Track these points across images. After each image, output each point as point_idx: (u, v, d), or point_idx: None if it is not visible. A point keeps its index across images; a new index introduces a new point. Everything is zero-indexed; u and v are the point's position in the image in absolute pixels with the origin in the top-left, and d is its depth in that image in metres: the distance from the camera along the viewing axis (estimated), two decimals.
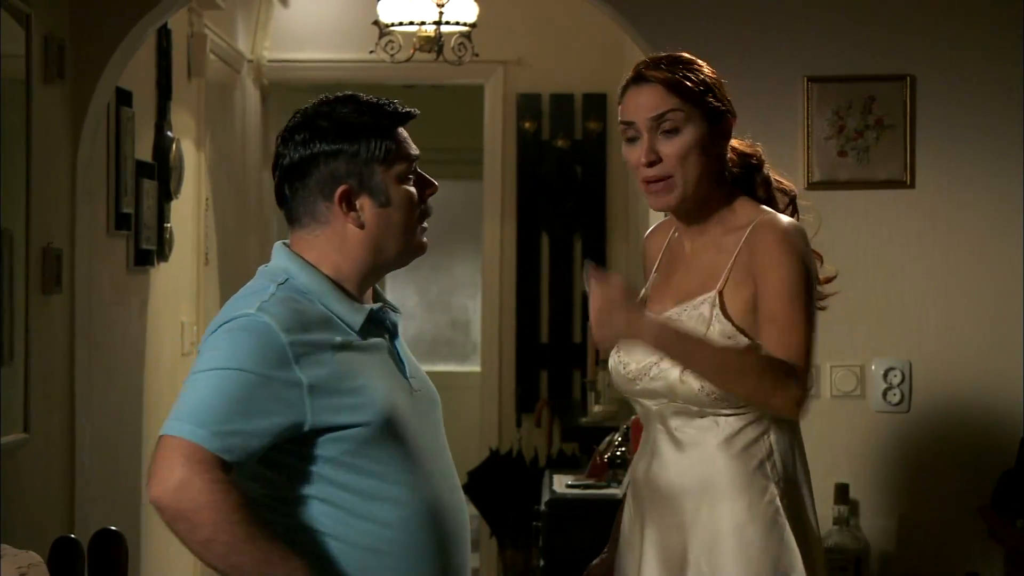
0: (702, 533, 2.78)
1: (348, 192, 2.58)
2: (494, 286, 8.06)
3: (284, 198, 2.63)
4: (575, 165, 7.90)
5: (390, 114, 2.60)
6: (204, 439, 2.42)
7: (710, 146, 2.83)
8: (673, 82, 2.82)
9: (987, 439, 4.42)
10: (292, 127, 2.62)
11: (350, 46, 7.58)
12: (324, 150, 2.57)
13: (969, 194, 4.46)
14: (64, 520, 4.62)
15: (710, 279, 2.83)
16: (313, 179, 2.58)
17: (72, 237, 4.67)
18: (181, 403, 2.47)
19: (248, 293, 2.58)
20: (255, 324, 2.49)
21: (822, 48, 4.46)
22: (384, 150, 2.58)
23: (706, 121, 2.83)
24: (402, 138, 2.62)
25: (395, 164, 2.60)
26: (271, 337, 2.48)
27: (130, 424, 5.54)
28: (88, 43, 4.64)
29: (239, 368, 2.46)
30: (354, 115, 2.59)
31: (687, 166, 2.82)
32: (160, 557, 5.82)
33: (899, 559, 4.44)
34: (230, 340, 2.49)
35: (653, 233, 3.09)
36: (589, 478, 4.92)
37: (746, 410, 2.78)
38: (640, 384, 2.85)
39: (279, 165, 2.62)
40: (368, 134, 2.58)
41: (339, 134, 2.58)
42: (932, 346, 4.45)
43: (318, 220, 2.60)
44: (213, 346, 2.51)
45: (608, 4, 4.56)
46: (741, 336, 2.76)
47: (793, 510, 2.80)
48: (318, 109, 2.61)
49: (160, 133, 5.78)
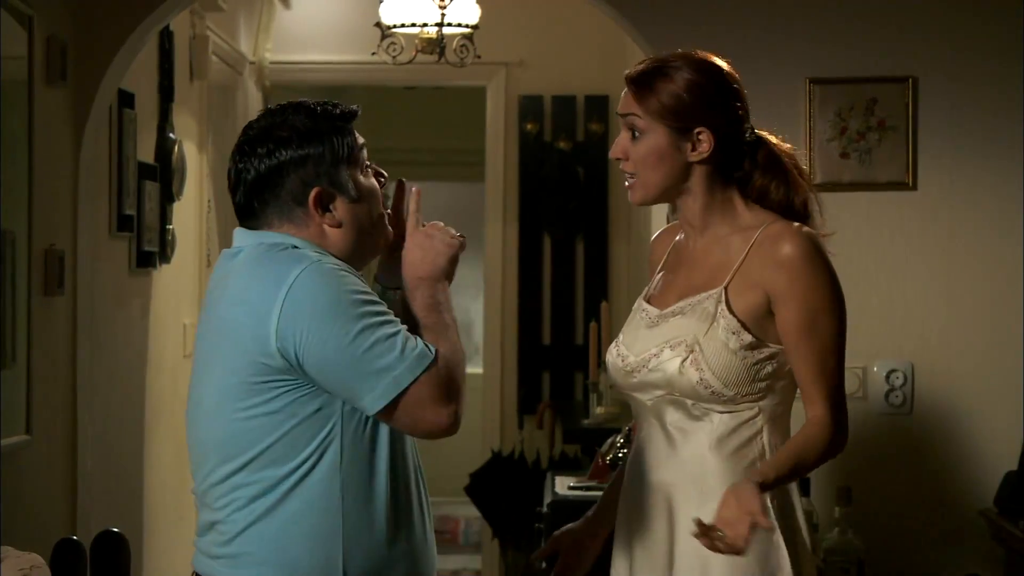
0: (690, 532, 2.79)
1: (321, 194, 2.63)
2: (496, 288, 8.06)
3: (251, 212, 2.65)
4: (577, 167, 7.90)
5: (342, 114, 2.68)
6: (422, 362, 2.55)
7: (670, 157, 2.84)
8: (639, 90, 2.84)
9: (989, 441, 4.42)
10: (250, 140, 2.64)
11: (352, 48, 7.58)
12: (291, 157, 2.62)
13: (971, 196, 4.46)
14: (66, 522, 4.62)
15: (715, 276, 2.83)
16: (284, 188, 2.62)
17: (74, 239, 4.67)
18: (365, 367, 2.52)
19: (271, 259, 2.58)
20: (330, 270, 2.55)
21: (824, 50, 4.46)
22: (347, 148, 2.66)
23: (669, 133, 2.83)
24: (356, 135, 2.70)
25: (357, 160, 2.68)
26: (350, 275, 2.57)
27: (132, 425, 5.54)
28: (90, 45, 4.64)
29: (362, 299, 2.54)
30: (311, 121, 2.65)
31: (646, 171, 2.86)
32: (162, 559, 5.82)
33: (901, 561, 4.44)
34: (326, 283, 2.53)
35: (660, 236, 3.10)
36: (591, 480, 4.92)
37: (740, 409, 2.79)
38: (637, 377, 2.85)
39: (242, 180, 2.64)
40: (329, 137, 2.65)
41: (302, 140, 2.63)
42: (934, 348, 4.45)
43: (296, 225, 2.64)
44: (311, 296, 2.51)
45: (610, 6, 4.56)
46: (745, 333, 2.76)
47: (783, 511, 2.80)
48: (272, 120, 2.65)
49: (162, 135, 5.79)
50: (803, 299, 2.76)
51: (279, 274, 2.53)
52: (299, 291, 2.51)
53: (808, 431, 2.78)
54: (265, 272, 2.56)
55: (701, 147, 2.84)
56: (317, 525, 2.55)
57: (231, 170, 2.66)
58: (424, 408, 2.54)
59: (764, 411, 2.81)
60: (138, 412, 5.60)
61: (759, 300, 2.78)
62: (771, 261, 2.78)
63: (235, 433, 2.56)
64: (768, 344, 2.78)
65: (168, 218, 5.86)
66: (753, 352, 2.77)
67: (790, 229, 2.80)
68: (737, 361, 2.77)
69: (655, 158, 2.84)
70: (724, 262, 2.84)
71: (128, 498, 5.47)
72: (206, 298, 2.69)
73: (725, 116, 2.85)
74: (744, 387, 2.78)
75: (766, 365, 2.79)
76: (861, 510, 4.35)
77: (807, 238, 2.79)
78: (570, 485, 4.90)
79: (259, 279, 2.56)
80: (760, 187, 2.88)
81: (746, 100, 2.89)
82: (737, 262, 2.81)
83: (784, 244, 2.78)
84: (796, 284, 2.76)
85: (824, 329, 2.76)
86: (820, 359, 2.76)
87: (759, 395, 2.80)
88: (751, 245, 2.81)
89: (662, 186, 2.87)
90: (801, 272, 2.76)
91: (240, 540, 2.57)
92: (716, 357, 2.77)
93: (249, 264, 2.59)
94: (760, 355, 2.78)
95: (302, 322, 2.50)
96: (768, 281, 2.77)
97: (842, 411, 2.78)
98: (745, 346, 2.77)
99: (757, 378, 2.78)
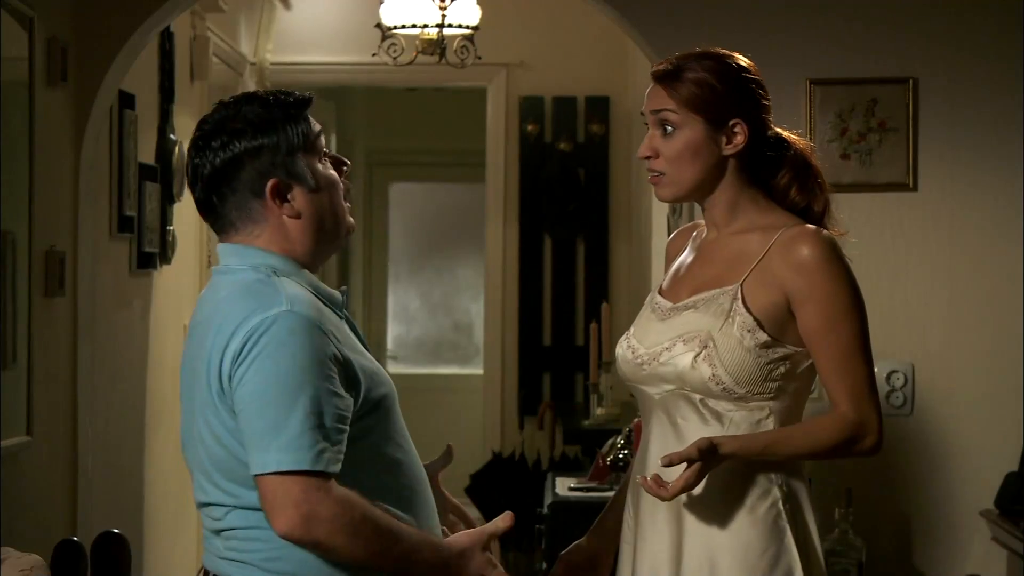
0: (699, 533, 2.78)
1: (278, 185, 2.59)
2: (497, 289, 8.07)
3: (211, 207, 2.62)
4: (578, 168, 7.90)
5: (296, 102, 2.62)
6: (311, 463, 2.44)
7: (706, 151, 2.82)
8: (671, 83, 2.82)
9: (990, 441, 4.42)
10: (205, 134, 2.62)
11: (353, 49, 7.58)
12: (245, 148, 2.58)
13: (972, 197, 4.46)
14: (67, 523, 4.62)
15: (730, 271, 2.81)
16: (240, 181, 2.58)
17: (75, 240, 4.67)
18: (267, 430, 2.45)
19: (249, 290, 2.55)
20: (300, 323, 2.48)
21: (825, 51, 4.47)
22: (302, 136, 2.60)
23: (706, 125, 2.82)
24: (311, 123, 2.64)
25: (313, 148, 2.62)
26: (317, 330, 2.49)
27: (133, 426, 5.55)
28: (91, 46, 4.65)
29: (312, 382, 2.46)
30: (263, 110, 2.60)
31: (679, 167, 2.82)
32: (163, 560, 5.82)
33: (902, 562, 4.44)
34: (285, 349, 2.46)
35: (676, 235, 3.07)
36: (592, 481, 4.92)
37: (750, 407, 2.78)
38: (648, 369, 2.83)
39: (199, 176, 2.61)
40: (283, 126, 2.59)
41: (256, 130, 2.58)
42: (935, 349, 4.45)
43: (255, 220, 2.60)
44: (270, 355, 2.46)
45: (611, 7, 4.57)
46: (761, 332, 2.75)
47: (795, 515, 2.79)
48: (225, 113, 2.62)
49: (163, 136, 5.79)
50: (822, 302, 2.75)
51: (235, 314, 2.50)
52: (267, 343, 2.47)
53: (819, 420, 2.77)
54: (230, 308, 2.52)
55: (736, 139, 2.81)
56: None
57: (188, 166, 2.64)
58: (274, 498, 2.45)
59: (775, 412, 2.79)
60: (138, 413, 5.60)
61: (777, 300, 2.77)
62: (791, 263, 2.76)
63: (223, 454, 2.55)
64: (783, 344, 2.77)
65: (169, 219, 5.86)
66: (767, 351, 2.76)
67: (810, 232, 2.79)
68: (751, 359, 2.75)
69: (691, 152, 2.81)
70: (741, 258, 2.82)
71: (128, 499, 5.47)
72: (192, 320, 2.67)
73: (757, 108, 2.83)
74: (756, 386, 2.77)
75: (780, 365, 2.77)
76: (861, 511, 4.35)
77: (826, 241, 2.78)
78: (570, 486, 4.91)
79: (231, 316, 2.52)
80: (784, 186, 2.86)
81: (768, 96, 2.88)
82: (756, 260, 2.79)
83: (804, 247, 2.76)
84: (815, 287, 2.75)
85: (844, 331, 2.75)
86: (841, 360, 2.75)
87: (771, 395, 2.78)
88: (771, 245, 2.79)
89: (695, 181, 2.83)
90: (820, 275, 2.75)
91: (245, 542, 2.57)
92: (730, 354, 2.75)
93: (228, 301, 2.56)
94: (774, 355, 2.76)
95: (247, 365, 2.48)
96: (787, 283, 2.76)
97: (869, 410, 2.75)
98: (760, 344, 2.75)
99: (770, 378, 2.77)
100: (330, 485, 2.45)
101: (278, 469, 2.43)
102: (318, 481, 2.43)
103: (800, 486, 2.82)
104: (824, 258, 2.76)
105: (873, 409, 2.76)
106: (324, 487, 2.44)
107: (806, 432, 2.77)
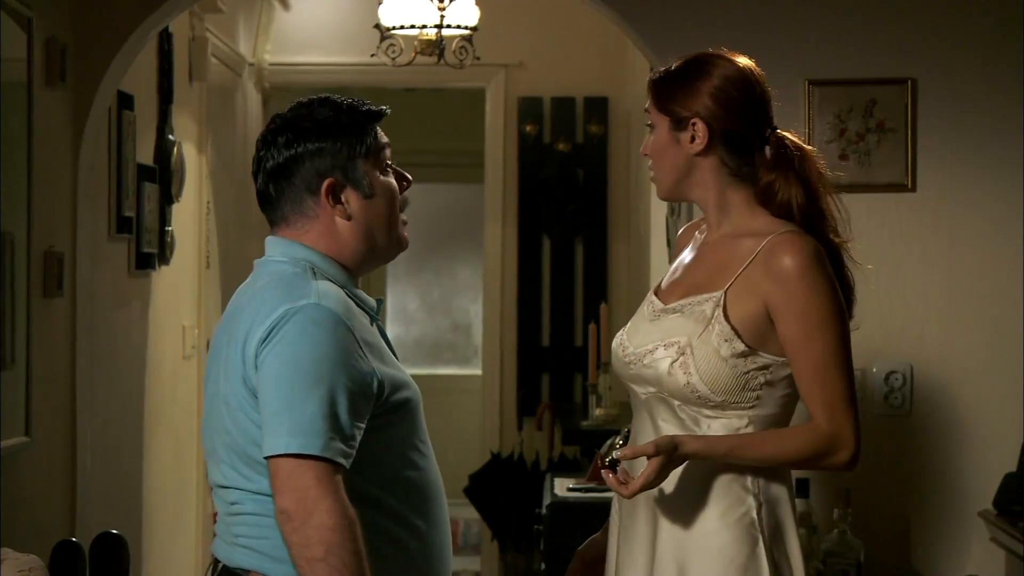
0: (672, 536, 2.78)
1: (334, 185, 2.67)
2: (495, 289, 8.06)
3: (269, 199, 2.71)
4: (576, 168, 7.90)
5: (366, 113, 2.71)
6: (321, 449, 2.48)
7: (671, 150, 2.85)
8: (651, 85, 2.89)
9: (989, 442, 4.42)
10: (274, 130, 2.70)
11: (351, 49, 7.58)
12: (308, 149, 2.66)
13: (970, 197, 4.46)
14: (65, 524, 4.62)
15: (718, 277, 2.82)
16: (299, 177, 2.67)
17: (73, 241, 4.67)
18: (281, 413, 2.49)
19: (283, 281, 2.60)
20: (326, 316, 2.53)
21: (823, 51, 4.47)
22: (365, 145, 2.68)
23: (670, 124, 2.84)
24: (379, 134, 2.73)
25: (375, 158, 2.70)
26: (342, 326, 2.54)
27: (131, 427, 5.54)
28: (90, 46, 4.65)
29: (330, 374, 2.50)
30: (333, 115, 2.68)
31: (657, 166, 2.89)
32: (161, 560, 5.82)
33: (901, 563, 4.44)
34: (307, 338, 2.51)
35: (686, 229, 3.08)
36: (590, 481, 4.92)
37: (728, 416, 2.77)
38: (634, 369, 2.85)
39: (262, 168, 2.70)
40: (349, 132, 2.68)
41: (322, 133, 2.67)
42: (933, 349, 4.45)
43: (306, 216, 2.68)
44: (292, 342, 2.52)
45: (610, 7, 4.57)
46: (738, 341, 2.74)
47: (772, 527, 2.78)
48: (298, 112, 2.70)
49: (161, 136, 5.79)
50: (799, 313, 2.74)
51: (270, 304, 2.56)
52: (290, 331, 2.52)
53: (794, 429, 2.77)
54: (266, 298, 2.58)
55: (697, 138, 2.83)
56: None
57: (254, 158, 2.72)
58: (286, 483, 2.49)
59: (754, 421, 2.78)
60: (137, 414, 5.60)
61: (757, 309, 2.76)
62: (770, 273, 2.76)
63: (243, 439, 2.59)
64: (762, 354, 2.76)
65: (167, 220, 5.86)
66: (744, 361, 2.75)
67: (794, 241, 2.77)
68: (727, 369, 2.75)
69: (659, 151, 2.88)
70: (729, 264, 2.82)
71: (127, 500, 5.47)
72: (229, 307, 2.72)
73: (723, 107, 2.82)
74: (733, 395, 2.76)
75: (758, 375, 2.76)
76: (860, 511, 4.35)
77: (809, 251, 2.76)
78: (569, 487, 4.90)
79: (261, 302, 2.59)
80: (765, 185, 2.85)
81: (764, 98, 2.87)
82: (741, 267, 2.79)
83: (785, 256, 2.75)
84: (792, 298, 2.74)
85: (821, 342, 2.73)
86: (817, 372, 2.73)
87: (749, 404, 2.77)
88: (758, 252, 2.78)
89: (671, 180, 2.88)
90: (797, 286, 2.74)
91: (256, 528, 2.59)
92: (706, 362, 2.75)
93: (262, 291, 2.62)
94: (752, 364, 2.75)
95: (269, 349, 2.53)
96: (767, 292, 2.76)
97: (844, 424, 2.73)
98: (736, 354, 2.75)
99: (748, 387, 2.76)
100: (338, 480, 2.48)
101: (287, 451, 2.48)
102: (327, 467, 2.47)
103: (781, 495, 2.80)
104: (804, 268, 2.74)
105: (849, 422, 2.74)
106: (331, 479, 2.47)
107: (777, 439, 2.76)
